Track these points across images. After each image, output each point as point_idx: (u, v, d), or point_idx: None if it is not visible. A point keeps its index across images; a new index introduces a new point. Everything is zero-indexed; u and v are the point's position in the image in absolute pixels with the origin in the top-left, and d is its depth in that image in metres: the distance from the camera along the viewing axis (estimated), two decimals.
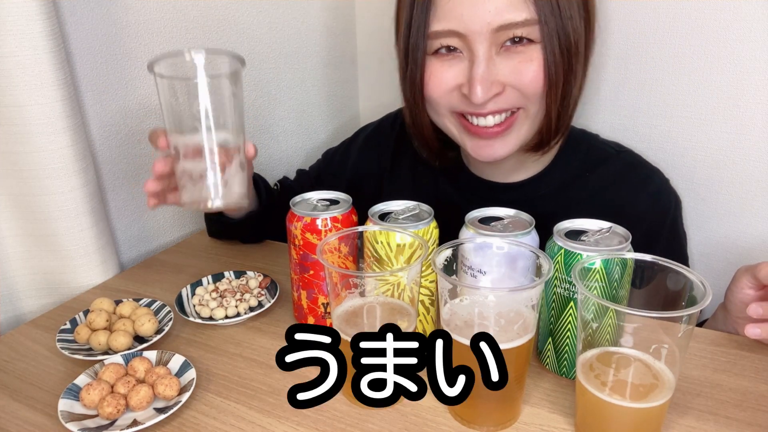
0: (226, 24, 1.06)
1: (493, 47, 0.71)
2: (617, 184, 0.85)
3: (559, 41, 0.70)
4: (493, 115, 0.74)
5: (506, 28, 0.69)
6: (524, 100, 0.74)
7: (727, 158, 0.93)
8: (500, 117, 0.75)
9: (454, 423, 0.59)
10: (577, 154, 0.87)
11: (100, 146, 0.91)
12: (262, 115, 1.17)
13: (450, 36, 0.72)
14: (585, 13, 0.73)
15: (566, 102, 0.74)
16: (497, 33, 0.70)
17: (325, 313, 0.74)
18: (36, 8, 0.73)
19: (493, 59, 0.71)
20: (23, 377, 0.67)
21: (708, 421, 0.58)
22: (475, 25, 0.69)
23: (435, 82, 0.75)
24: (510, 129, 0.76)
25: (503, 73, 0.72)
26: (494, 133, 0.75)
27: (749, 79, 0.88)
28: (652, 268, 0.56)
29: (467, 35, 0.70)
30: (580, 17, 0.71)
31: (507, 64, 0.71)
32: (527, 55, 0.71)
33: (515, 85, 0.72)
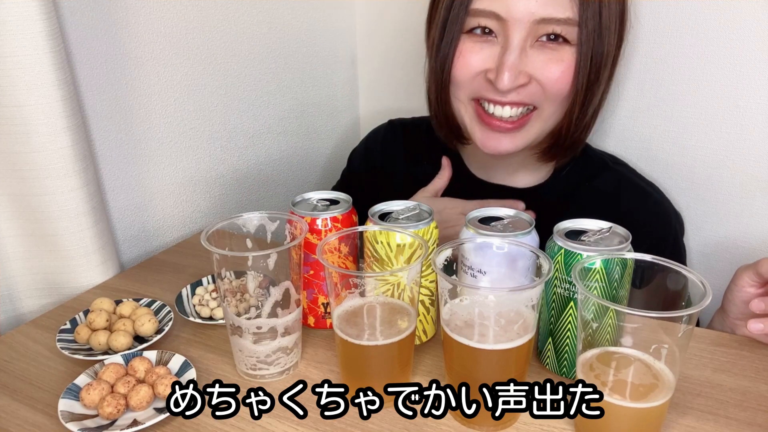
0: (226, 24, 1.06)
1: (529, 38, 0.71)
2: (616, 195, 0.85)
3: (593, 48, 0.70)
4: (511, 106, 0.74)
5: (547, 22, 0.69)
6: (543, 99, 0.74)
7: (727, 158, 0.93)
8: (516, 111, 0.74)
9: (454, 423, 0.59)
10: (576, 162, 0.87)
11: (100, 146, 0.91)
12: (262, 115, 1.17)
13: (490, 17, 0.72)
14: (620, 27, 0.73)
15: (585, 110, 0.74)
16: (537, 25, 0.70)
17: (325, 313, 0.74)
18: (36, 8, 0.73)
19: (525, 50, 0.71)
20: (23, 377, 0.67)
21: (708, 421, 0.58)
22: (518, 13, 0.69)
23: (462, 63, 0.75)
24: (520, 128, 0.76)
25: (533, 65, 0.72)
26: (505, 128, 0.75)
27: (749, 79, 0.88)
28: (652, 268, 0.56)
29: (508, 20, 0.70)
30: (616, 31, 0.72)
31: (538, 57, 0.71)
32: (559, 54, 0.71)
33: (541, 81, 0.72)
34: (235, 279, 0.62)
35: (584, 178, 0.86)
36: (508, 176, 0.87)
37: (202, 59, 1.03)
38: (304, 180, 1.30)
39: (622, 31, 0.74)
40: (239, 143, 1.14)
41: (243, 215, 0.68)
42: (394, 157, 0.99)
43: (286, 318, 0.64)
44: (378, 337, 0.60)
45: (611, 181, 0.86)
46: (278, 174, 1.24)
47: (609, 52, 0.72)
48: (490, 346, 0.55)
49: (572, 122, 0.75)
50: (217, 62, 1.06)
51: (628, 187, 0.86)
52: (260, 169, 1.20)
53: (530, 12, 0.69)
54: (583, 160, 0.87)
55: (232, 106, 1.11)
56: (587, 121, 0.76)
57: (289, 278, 0.64)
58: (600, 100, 0.76)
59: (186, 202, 1.06)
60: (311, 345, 0.72)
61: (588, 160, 0.88)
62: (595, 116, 0.77)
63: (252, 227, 0.68)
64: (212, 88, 1.07)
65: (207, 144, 1.08)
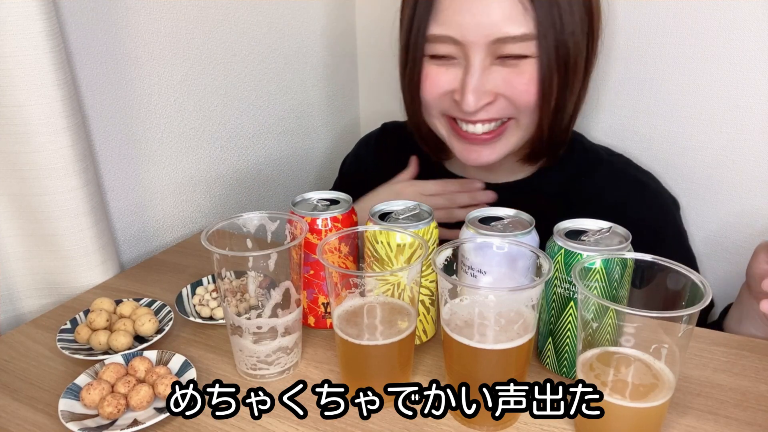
0: (226, 24, 1.06)
1: (488, 57, 0.71)
2: (612, 187, 0.85)
3: (556, 56, 0.69)
4: (482, 123, 0.74)
5: (503, 41, 0.69)
6: (516, 111, 0.74)
7: (727, 158, 0.93)
8: (490, 125, 0.75)
9: (454, 423, 0.59)
10: (571, 155, 0.87)
11: (100, 146, 0.91)
12: (262, 115, 1.17)
13: (447, 42, 0.72)
14: (589, 28, 0.72)
15: (560, 116, 0.74)
16: (494, 45, 0.69)
17: (325, 313, 0.74)
18: (36, 8, 0.73)
19: (487, 69, 0.71)
20: (23, 377, 0.67)
21: (708, 421, 0.58)
22: (472, 36, 0.69)
23: (429, 85, 0.76)
24: (499, 137, 0.76)
25: (496, 83, 0.72)
26: (483, 140, 0.76)
27: (749, 79, 0.88)
28: (652, 268, 0.56)
29: (464, 44, 0.70)
30: (583, 33, 0.71)
31: (500, 74, 0.71)
32: (521, 68, 0.71)
33: (507, 96, 0.72)
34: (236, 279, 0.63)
35: (578, 171, 0.86)
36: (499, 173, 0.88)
37: (202, 59, 1.03)
38: (304, 180, 1.30)
39: (593, 31, 0.73)
40: (239, 143, 1.14)
41: (243, 215, 0.68)
42: (387, 162, 0.99)
43: (287, 318, 0.65)
44: (378, 337, 0.60)
45: (606, 174, 0.86)
46: (278, 174, 1.24)
47: (577, 56, 0.71)
48: (490, 346, 0.55)
49: (548, 128, 0.75)
50: (217, 62, 1.06)
51: (623, 179, 0.86)
52: (260, 169, 1.20)
53: (485, 34, 0.69)
54: (578, 154, 0.87)
55: (232, 106, 1.11)
56: (565, 124, 0.76)
57: (290, 278, 0.64)
58: (577, 101, 0.75)
59: (186, 202, 1.06)
60: (311, 345, 0.72)
61: (582, 154, 0.87)
62: (573, 118, 0.77)
63: (252, 227, 0.69)
64: (212, 88, 1.07)
65: (207, 144, 1.08)
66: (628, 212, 0.80)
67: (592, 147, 0.90)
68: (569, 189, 0.85)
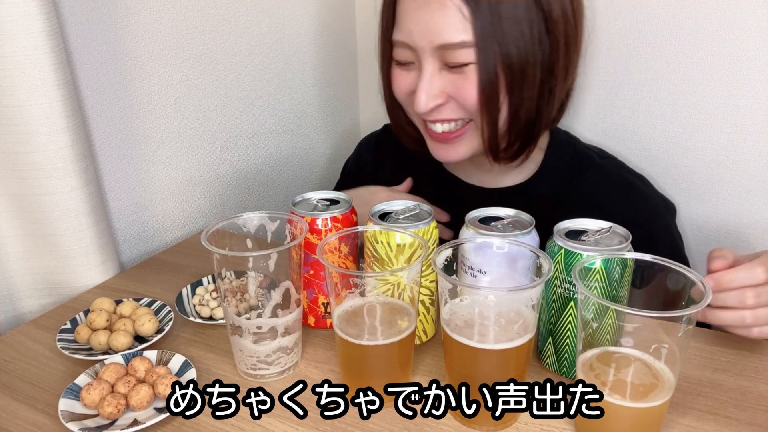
0: (226, 24, 1.06)
1: (437, 63, 0.75)
2: (602, 189, 0.85)
3: (499, 63, 0.71)
4: (441, 123, 0.78)
5: (445, 48, 0.72)
6: (467, 114, 0.77)
7: (727, 158, 0.93)
8: (449, 126, 0.79)
9: (454, 423, 0.59)
10: (563, 158, 0.87)
11: (100, 146, 0.91)
12: (262, 115, 1.17)
13: (404, 47, 0.77)
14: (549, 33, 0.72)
15: (517, 117, 0.75)
16: (439, 51, 0.73)
17: (325, 313, 0.74)
18: (36, 8, 0.73)
19: (438, 73, 0.75)
20: (23, 377, 0.67)
21: (708, 421, 0.58)
22: (420, 42, 0.74)
23: (396, 87, 0.81)
24: (461, 138, 0.79)
25: (445, 87, 0.76)
26: (445, 138, 0.80)
27: (749, 79, 0.88)
28: (652, 268, 0.56)
29: (416, 49, 0.75)
30: (534, 39, 0.71)
31: (449, 79, 0.75)
32: (466, 74, 0.74)
33: (456, 99, 0.76)
34: (236, 279, 0.63)
35: (569, 176, 0.86)
36: (493, 178, 0.89)
37: (202, 59, 1.03)
38: (304, 180, 1.30)
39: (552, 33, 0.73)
40: (239, 143, 1.14)
41: (243, 215, 0.68)
42: (387, 162, 1.00)
43: (287, 318, 0.65)
44: (378, 337, 0.60)
45: (596, 178, 0.86)
46: (278, 174, 1.24)
47: (524, 63, 0.72)
48: (490, 346, 0.55)
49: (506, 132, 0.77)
50: (217, 62, 1.06)
51: (613, 183, 0.86)
52: (260, 169, 1.20)
53: (429, 40, 0.73)
54: (569, 158, 0.87)
55: (232, 106, 1.11)
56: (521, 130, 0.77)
57: (290, 278, 0.64)
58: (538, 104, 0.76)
59: (186, 202, 1.06)
60: (311, 345, 0.72)
61: (574, 158, 0.88)
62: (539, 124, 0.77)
63: (252, 227, 0.69)
64: (212, 88, 1.07)
65: (207, 144, 1.08)
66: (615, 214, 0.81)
67: (585, 149, 0.90)
68: (560, 192, 0.86)
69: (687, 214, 0.97)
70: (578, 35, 0.76)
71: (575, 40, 0.76)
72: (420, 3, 0.72)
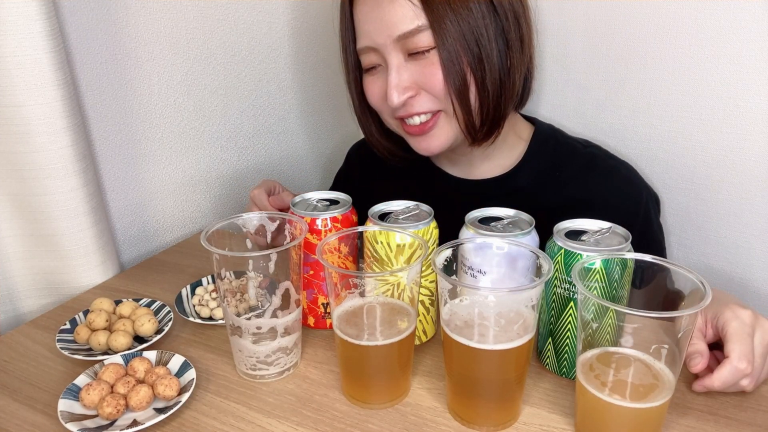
0: (226, 24, 1.06)
1: (401, 55, 0.77)
2: (583, 177, 0.86)
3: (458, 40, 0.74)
4: (418, 115, 0.80)
5: (404, 37, 0.75)
6: (439, 103, 0.79)
7: (727, 158, 0.93)
8: (427, 116, 0.80)
9: (454, 423, 0.59)
10: (546, 149, 0.89)
11: (100, 146, 0.91)
12: (262, 115, 1.17)
13: (368, 52, 0.80)
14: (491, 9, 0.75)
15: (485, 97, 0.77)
16: (399, 42, 0.76)
17: (325, 313, 0.74)
18: (36, 8, 0.73)
19: (404, 66, 0.78)
20: (23, 377, 0.67)
21: (708, 421, 0.58)
22: (380, 39, 0.77)
23: (370, 95, 0.84)
24: (434, 127, 0.81)
25: (413, 77, 0.78)
26: (422, 130, 0.81)
27: (749, 79, 0.88)
28: (652, 268, 0.56)
29: (378, 48, 0.78)
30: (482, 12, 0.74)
31: (415, 69, 0.77)
32: (430, 59, 0.76)
33: (424, 88, 0.78)
34: (235, 279, 0.63)
35: (553, 165, 0.88)
36: (475, 169, 0.91)
37: (202, 59, 1.03)
38: (304, 180, 1.30)
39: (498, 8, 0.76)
40: (239, 143, 1.14)
41: (243, 215, 0.68)
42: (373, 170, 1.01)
43: (286, 318, 0.64)
44: (378, 337, 0.60)
45: (580, 165, 0.88)
46: (278, 174, 1.24)
47: (484, 37, 0.75)
48: (490, 346, 0.55)
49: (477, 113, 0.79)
50: (217, 62, 1.06)
51: (595, 168, 0.88)
52: (260, 169, 1.20)
53: (387, 35, 0.76)
54: (552, 148, 0.89)
55: (232, 106, 1.11)
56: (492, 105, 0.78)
57: (289, 278, 0.64)
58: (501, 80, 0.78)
59: (186, 202, 1.06)
60: (311, 345, 0.72)
61: (557, 148, 0.89)
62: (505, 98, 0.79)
63: (252, 227, 0.69)
64: (212, 88, 1.07)
65: (207, 144, 1.08)
66: (595, 199, 0.84)
67: (568, 140, 0.91)
68: (543, 182, 0.87)
69: (687, 214, 0.97)
70: (524, 7, 0.79)
71: (522, 11, 0.78)
72: (371, 5, 0.76)
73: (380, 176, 1.00)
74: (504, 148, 0.88)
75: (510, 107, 0.81)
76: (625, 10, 0.95)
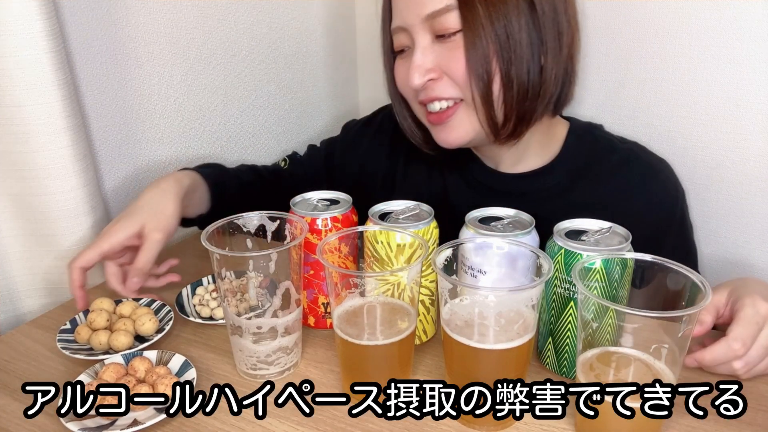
0: (226, 24, 1.06)
1: (428, 36, 0.76)
2: (622, 174, 0.84)
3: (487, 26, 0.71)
4: (438, 100, 0.78)
5: (433, 16, 0.74)
6: (461, 91, 0.76)
7: (727, 158, 0.93)
8: (448, 103, 0.78)
9: (454, 423, 0.59)
10: (583, 145, 0.86)
11: (100, 146, 0.91)
12: (262, 115, 1.17)
13: (400, 32, 0.78)
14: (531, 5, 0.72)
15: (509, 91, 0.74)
16: (428, 22, 0.74)
17: (325, 313, 0.74)
18: (36, 8, 0.73)
19: (430, 47, 0.76)
20: (23, 377, 0.67)
21: (708, 421, 0.58)
22: (409, 18, 0.75)
23: (398, 79, 0.82)
24: (453, 117, 0.78)
25: (437, 60, 0.76)
26: (441, 119, 0.79)
27: (749, 79, 0.88)
28: (652, 268, 0.56)
29: (407, 28, 0.76)
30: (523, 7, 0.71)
31: (440, 51, 0.76)
32: (456, 43, 0.74)
33: (447, 73, 0.76)
34: (235, 279, 0.63)
35: (591, 160, 0.85)
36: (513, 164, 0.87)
37: (202, 59, 1.03)
38: None
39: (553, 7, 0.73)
40: (239, 143, 1.14)
41: (243, 215, 0.68)
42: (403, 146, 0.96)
43: (286, 318, 0.65)
44: (378, 336, 0.60)
45: (618, 160, 0.85)
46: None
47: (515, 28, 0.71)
48: (490, 346, 0.55)
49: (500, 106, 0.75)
50: (217, 62, 1.06)
51: (636, 165, 0.85)
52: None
53: (416, 13, 0.74)
54: (590, 143, 0.87)
55: (232, 106, 1.11)
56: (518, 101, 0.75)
57: (290, 278, 0.64)
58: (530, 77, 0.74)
59: None
60: (311, 345, 0.72)
61: (595, 143, 0.87)
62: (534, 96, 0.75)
63: (252, 227, 0.69)
64: (212, 88, 1.07)
65: (207, 144, 1.08)
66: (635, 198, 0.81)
67: (605, 135, 0.89)
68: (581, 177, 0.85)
69: None
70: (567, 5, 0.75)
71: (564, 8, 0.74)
72: None
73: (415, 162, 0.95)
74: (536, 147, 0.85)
75: (540, 108, 0.77)
76: (626, 10, 0.95)
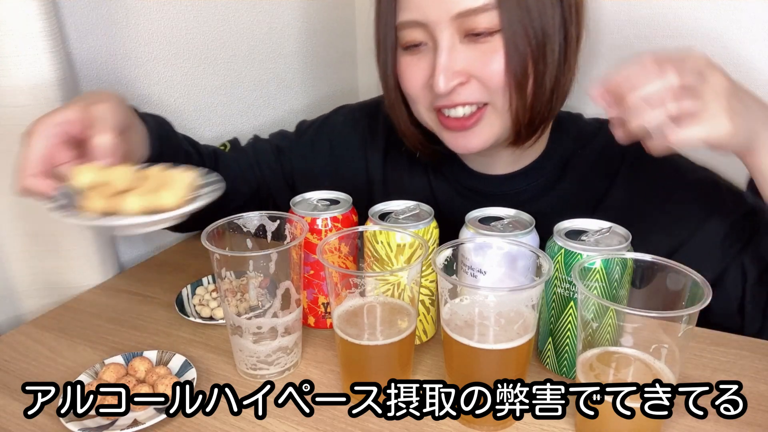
0: (226, 24, 1.06)
1: (455, 35, 0.69)
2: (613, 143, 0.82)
3: (525, 28, 0.67)
4: (462, 106, 0.73)
5: (465, 15, 0.67)
6: (489, 95, 0.72)
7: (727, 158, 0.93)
8: (472, 108, 0.73)
9: (454, 423, 0.59)
10: (568, 137, 0.84)
11: None
12: (262, 115, 1.17)
13: (414, 27, 0.71)
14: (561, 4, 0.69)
15: (540, 94, 0.71)
16: (457, 20, 0.68)
17: (325, 313, 0.74)
18: (36, 8, 0.73)
19: (456, 48, 0.70)
20: (23, 377, 0.67)
21: (708, 421, 0.58)
22: (434, 14, 0.68)
23: (408, 78, 0.75)
24: (479, 122, 0.74)
25: (467, 62, 0.70)
26: (464, 125, 0.74)
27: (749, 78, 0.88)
28: (652, 268, 0.56)
29: (429, 25, 0.69)
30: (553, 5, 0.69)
31: (471, 53, 0.70)
32: (492, 44, 0.69)
33: (479, 76, 0.71)
34: (236, 279, 0.63)
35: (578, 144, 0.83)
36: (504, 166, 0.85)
37: (202, 59, 1.03)
38: None
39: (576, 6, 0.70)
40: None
41: (243, 215, 0.68)
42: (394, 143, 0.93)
43: (287, 318, 0.65)
44: (378, 336, 0.60)
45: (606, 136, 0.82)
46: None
47: (550, 26, 0.68)
48: (490, 346, 0.55)
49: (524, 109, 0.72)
50: (217, 62, 1.06)
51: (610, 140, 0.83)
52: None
53: (446, 9, 0.67)
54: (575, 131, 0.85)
55: (232, 106, 1.11)
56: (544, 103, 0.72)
57: (290, 278, 0.64)
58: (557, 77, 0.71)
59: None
60: (311, 345, 0.72)
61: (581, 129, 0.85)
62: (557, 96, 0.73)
63: (252, 227, 0.69)
64: (212, 88, 1.07)
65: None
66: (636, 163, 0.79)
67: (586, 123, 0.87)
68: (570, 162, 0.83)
69: None
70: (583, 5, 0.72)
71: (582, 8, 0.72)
72: None
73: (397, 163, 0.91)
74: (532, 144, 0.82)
75: (559, 108, 0.75)
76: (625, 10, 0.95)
